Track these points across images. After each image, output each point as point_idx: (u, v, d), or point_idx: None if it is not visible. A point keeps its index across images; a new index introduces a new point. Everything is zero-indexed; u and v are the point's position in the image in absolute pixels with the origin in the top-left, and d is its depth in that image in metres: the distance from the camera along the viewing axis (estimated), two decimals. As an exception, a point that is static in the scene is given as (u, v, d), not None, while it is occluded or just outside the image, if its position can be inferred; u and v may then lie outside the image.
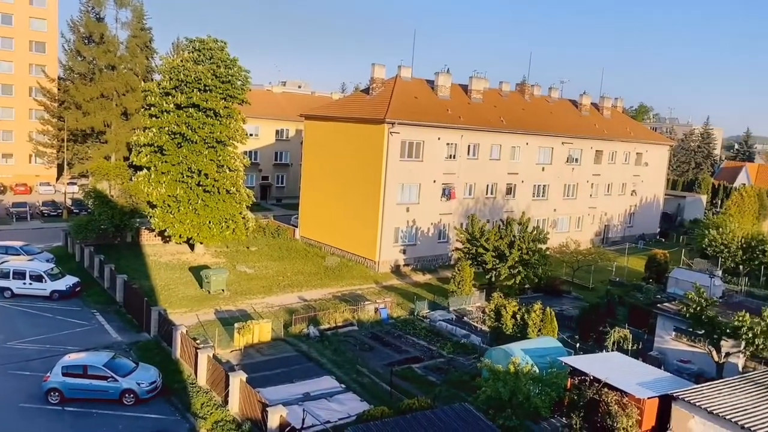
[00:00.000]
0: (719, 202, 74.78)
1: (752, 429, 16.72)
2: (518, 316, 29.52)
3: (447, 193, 47.10)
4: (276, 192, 76.50)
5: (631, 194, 62.66)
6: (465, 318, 34.64)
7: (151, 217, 43.02)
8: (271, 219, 56.98)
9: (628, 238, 61.08)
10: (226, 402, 22.15)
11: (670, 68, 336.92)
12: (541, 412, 20.57)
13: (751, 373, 21.78)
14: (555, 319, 28.95)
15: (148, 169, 42.19)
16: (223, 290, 36.32)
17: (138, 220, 47.11)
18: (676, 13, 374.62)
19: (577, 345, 28.92)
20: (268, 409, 19.44)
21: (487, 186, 49.87)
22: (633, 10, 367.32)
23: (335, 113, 49.17)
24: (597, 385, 20.85)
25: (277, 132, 75.84)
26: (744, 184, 75.19)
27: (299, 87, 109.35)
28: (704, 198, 76.07)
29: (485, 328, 32.02)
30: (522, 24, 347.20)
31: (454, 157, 47.10)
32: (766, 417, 17.46)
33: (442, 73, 49.68)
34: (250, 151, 69.36)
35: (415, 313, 34.73)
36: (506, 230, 38.22)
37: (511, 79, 57.43)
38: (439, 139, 45.80)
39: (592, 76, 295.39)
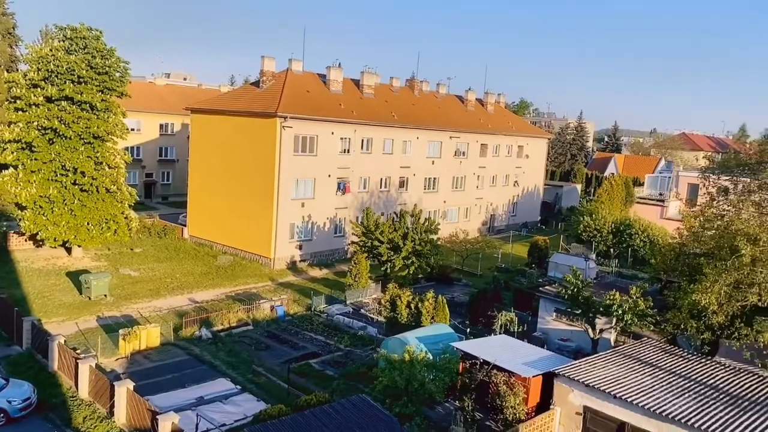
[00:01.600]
0: (592, 190, 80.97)
1: (622, 397, 18.38)
2: (412, 306, 30.35)
3: (342, 188, 47.28)
4: (161, 190, 72.82)
5: (514, 185, 66.30)
6: (362, 310, 35.06)
7: (20, 219, 39.41)
8: (156, 218, 54.20)
9: (512, 226, 64.61)
10: (111, 413, 20.89)
11: (548, 66, 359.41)
12: (436, 397, 21.34)
13: (621, 347, 23.94)
14: (447, 306, 30.06)
15: (15, 167, 38.56)
16: (105, 295, 34.13)
17: (5, 223, 42.96)
18: (552, 15, 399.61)
19: (468, 330, 30.25)
20: (158, 417, 18.59)
21: (381, 179, 50.65)
22: (516, 10, 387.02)
23: (224, 106, 47.65)
24: (487, 367, 21.96)
25: (161, 126, 72.10)
26: (613, 174, 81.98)
27: (185, 79, 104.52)
28: (579, 187, 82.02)
29: (381, 319, 32.60)
30: (410, 21, 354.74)
31: (348, 152, 47.32)
32: (634, 385, 19.26)
33: (333, 67, 49.67)
34: (132, 147, 65.52)
35: (313, 309, 34.64)
36: (400, 222, 39.09)
37: (401, 75, 58.73)
38: (332, 133, 45.80)
39: (476, 73, 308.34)
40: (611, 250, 47.37)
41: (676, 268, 26.77)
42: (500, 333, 28.93)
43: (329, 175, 46.15)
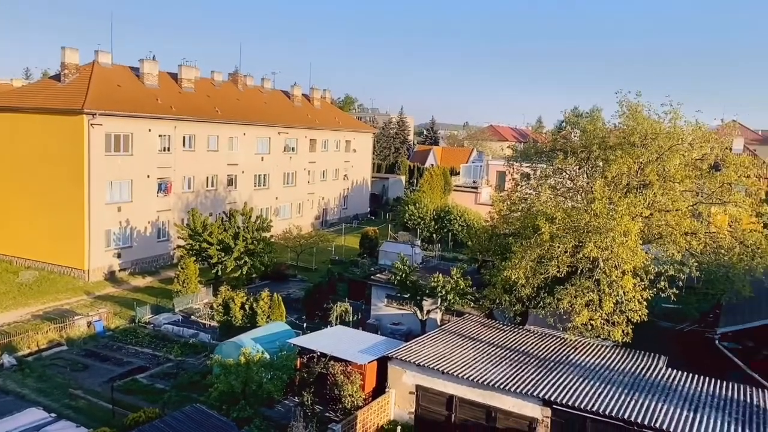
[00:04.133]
0: (415, 181, 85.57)
1: (449, 372, 19.78)
2: (247, 306, 29.64)
3: (163, 188, 44.46)
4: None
5: (344, 179, 67.72)
6: (193, 317, 33.43)
7: None
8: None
9: (344, 219, 66.03)
10: None
11: (370, 63, 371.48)
12: (275, 396, 21.12)
13: (446, 325, 25.71)
14: (282, 303, 29.85)
15: None
16: None
17: None
18: (371, 11, 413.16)
19: (305, 325, 30.36)
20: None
21: (207, 178, 48.54)
22: (336, 6, 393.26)
23: (18, 103, 42.05)
24: (324, 359, 22.23)
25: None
26: (433, 165, 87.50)
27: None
28: (403, 178, 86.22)
29: (214, 323, 31.38)
30: (225, 14, 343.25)
31: (168, 150, 44.57)
32: (459, 360, 20.81)
33: (147, 60, 46.36)
34: None
35: (137, 321, 32.22)
36: (230, 222, 37.84)
37: (223, 69, 56.52)
38: (150, 130, 42.79)
39: (301, 68, 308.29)
40: (434, 235, 50.57)
41: (489, 249, 29.23)
42: (336, 324, 29.44)
43: (148, 176, 43.10)
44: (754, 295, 25.24)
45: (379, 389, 21.90)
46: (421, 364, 20.38)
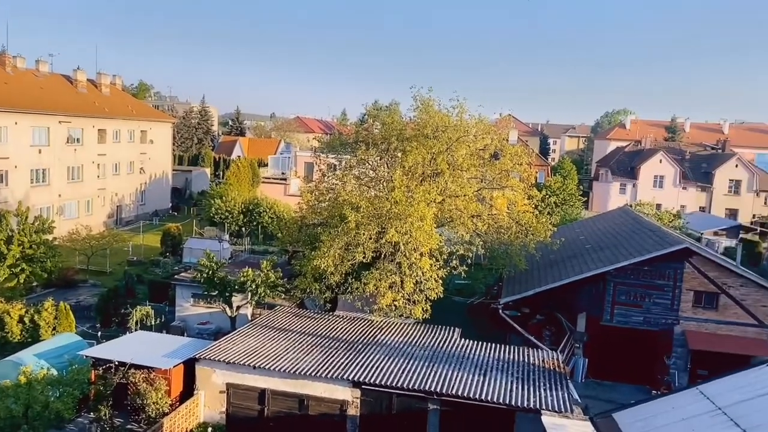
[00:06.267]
0: (221, 173, 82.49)
1: (260, 366, 19.54)
2: (27, 320, 26.09)
3: None
4: None
5: (140, 172, 62.79)
6: (-45, 337, 28.43)
7: None
8: None
9: (142, 216, 61.28)
10: None
11: (164, 48, 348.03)
12: (65, 415, 18.95)
13: (257, 319, 25.36)
14: (71, 312, 26.85)
15: None
16: None
17: None
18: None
19: (99, 334, 27.70)
20: None
21: (-33, 175, 41.56)
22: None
23: None
24: (123, 368, 20.53)
25: None
26: (239, 156, 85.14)
27: None
28: (208, 171, 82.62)
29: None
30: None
31: None
32: (270, 353, 20.66)
33: None
34: None
35: None
36: (1, 225, 32.85)
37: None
38: None
39: (84, 52, 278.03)
40: (243, 229, 49.41)
41: (299, 239, 29.49)
42: (136, 330, 27.33)
43: None
44: (528, 268, 29.01)
45: (189, 393, 20.88)
46: (231, 361, 19.86)
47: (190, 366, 20.89)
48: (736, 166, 71.74)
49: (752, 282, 25.47)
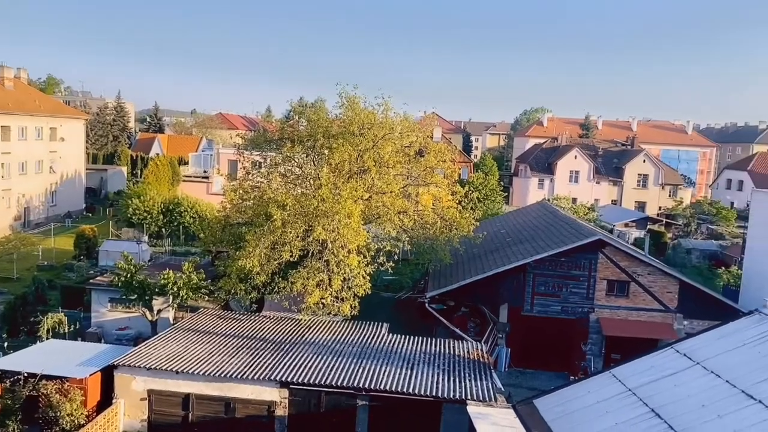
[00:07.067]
0: (139, 172, 79.03)
1: (184, 371, 18.94)
2: None
3: None
4: None
5: (50, 171, 59.13)
6: None
7: None
8: None
9: (53, 218, 57.77)
10: None
11: (75, 43, 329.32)
12: (-33, 434, 17.64)
13: (180, 323, 24.55)
14: (-27, 323, 24.97)
15: None
16: None
17: None
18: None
19: (6, 344, 25.91)
20: None
21: None
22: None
23: None
24: (33, 380, 19.31)
25: None
26: (158, 154, 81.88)
27: None
28: (125, 169, 78.93)
29: None
30: None
31: None
32: (194, 357, 20.06)
33: None
34: None
35: None
36: None
37: None
38: None
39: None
40: (163, 230, 47.61)
41: (223, 239, 28.74)
42: (48, 338, 25.76)
43: None
44: (453, 262, 29.66)
45: (107, 402, 19.91)
46: (153, 367, 19.13)
47: (108, 374, 19.96)
48: (644, 161, 76.43)
49: (658, 270, 27.23)
